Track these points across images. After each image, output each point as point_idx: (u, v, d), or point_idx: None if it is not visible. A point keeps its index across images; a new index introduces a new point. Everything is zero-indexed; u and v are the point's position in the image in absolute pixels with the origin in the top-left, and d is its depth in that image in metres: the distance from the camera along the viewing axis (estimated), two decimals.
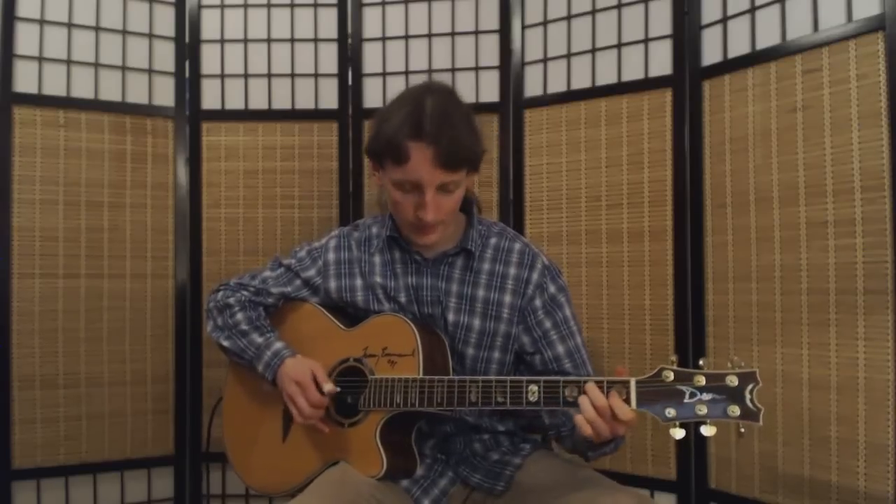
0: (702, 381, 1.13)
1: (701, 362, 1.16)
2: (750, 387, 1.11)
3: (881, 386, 1.61)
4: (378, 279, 1.50)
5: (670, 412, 1.14)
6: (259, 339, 1.50)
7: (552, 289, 1.48)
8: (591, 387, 1.19)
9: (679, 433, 1.14)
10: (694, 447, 1.95)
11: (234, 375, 1.64)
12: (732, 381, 1.12)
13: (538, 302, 1.47)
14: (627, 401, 1.17)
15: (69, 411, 2.15)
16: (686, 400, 1.14)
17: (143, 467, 2.25)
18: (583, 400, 1.19)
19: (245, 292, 1.57)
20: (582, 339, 1.50)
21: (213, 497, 2.31)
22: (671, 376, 1.15)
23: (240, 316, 1.54)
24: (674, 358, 1.17)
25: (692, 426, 1.15)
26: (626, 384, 1.17)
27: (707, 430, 1.14)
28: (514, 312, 1.46)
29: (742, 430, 1.12)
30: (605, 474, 1.39)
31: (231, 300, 1.56)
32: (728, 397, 1.12)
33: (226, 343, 1.54)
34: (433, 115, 1.32)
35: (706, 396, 1.13)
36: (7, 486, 2.07)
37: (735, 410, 1.11)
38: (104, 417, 2.20)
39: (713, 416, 1.12)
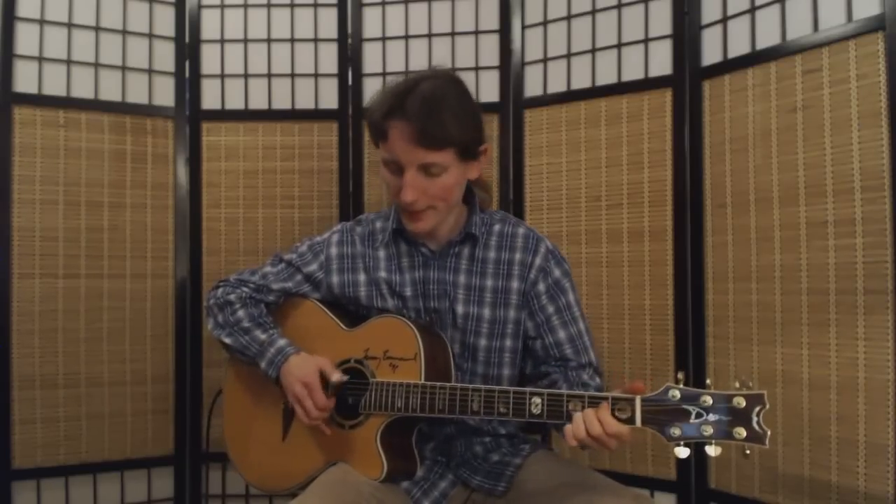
0: (708, 401, 1.13)
1: (707, 381, 1.15)
2: (757, 409, 1.11)
3: (881, 386, 1.61)
4: (382, 274, 1.49)
5: (675, 432, 1.13)
6: (262, 336, 1.49)
7: (556, 273, 1.48)
8: (589, 416, 1.17)
9: (683, 452, 1.14)
10: (694, 447, 1.95)
11: (234, 372, 1.63)
12: (740, 402, 1.11)
13: (542, 286, 1.46)
14: (632, 419, 1.16)
15: (69, 411, 2.15)
16: (692, 420, 1.13)
17: (143, 467, 2.25)
18: (577, 419, 1.18)
19: (245, 289, 1.55)
20: (585, 325, 1.49)
21: (213, 497, 2.31)
22: (677, 395, 1.14)
23: (241, 313, 1.53)
24: (680, 376, 1.16)
25: (693, 444, 1.15)
26: (631, 402, 1.16)
27: (712, 451, 1.13)
28: (520, 297, 1.46)
29: (747, 451, 1.11)
30: (605, 474, 1.39)
31: (232, 297, 1.55)
32: (734, 419, 1.11)
33: (228, 340, 1.53)
34: (418, 94, 1.33)
35: (712, 417, 1.12)
36: (7, 486, 2.07)
37: (741, 432, 1.11)
38: (104, 417, 2.20)
39: (719, 437, 1.12)
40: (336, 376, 1.39)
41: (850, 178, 1.66)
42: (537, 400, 1.23)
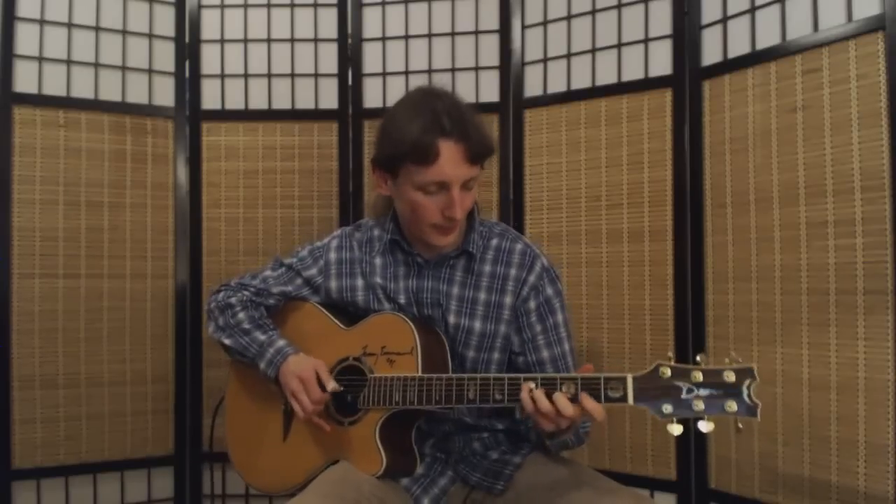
0: (699, 376, 1.13)
1: (698, 358, 1.16)
2: (747, 382, 1.11)
3: (881, 386, 1.61)
4: (378, 280, 1.50)
5: (667, 408, 1.14)
6: (262, 337, 1.50)
7: (549, 291, 1.48)
8: (537, 394, 1.21)
9: (677, 429, 1.14)
10: (694, 447, 1.95)
11: (236, 375, 1.64)
12: (730, 376, 1.12)
13: (532, 304, 1.47)
14: (624, 397, 1.17)
15: (69, 411, 2.16)
16: (683, 396, 1.13)
17: (143, 467, 2.25)
18: (534, 397, 1.21)
19: (246, 292, 1.57)
20: (570, 346, 1.50)
21: (214, 497, 2.31)
22: (668, 372, 1.15)
23: (242, 315, 1.54)
24: (671, 354, 1.17)
25: (690, 422, 1.15)
26: (622, 381, 1.17)
27: (705, 426, 1.13)
28: (512, 313, 1.47)
29: (740, 425, 1.13)
30: (605, 474, 1.39)
31: (232, 300, 1.56)
32: (725, 393, 1.12)
33: (227, 341, 1.54)
34: (452, 113, 1.34)
35: (703, 392, 1.13)
36: (7, 486, 2.08)
37: (732, 406, 1.11)
38: (104, 417, 2.20)
39: (710, 412, 1.12)
40: (331, 385, 1.40)
41: (850, 178, 1.66)
42: (531, 385, 1.24)
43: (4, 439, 2.07)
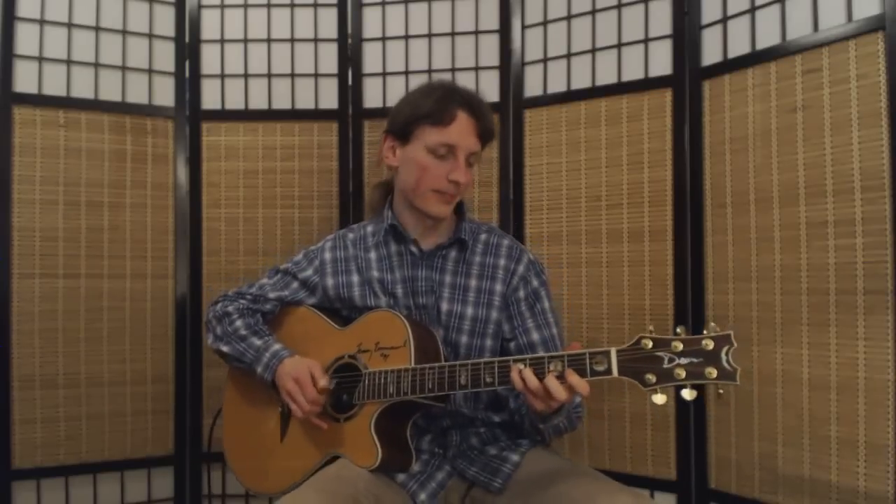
0: (679, 346, 1.18)
1: (678, 329, 1.20)
2: (725, 349, 1.16)
3: (881, 386, 1.61)
4: (375, 273, 1.54)
5: (650, 378, 1.18)
6: (258, 342, 1.53)
7: (535, 283, 1.55)
8: (527, 372, 1.23)
9: (660, 398, 1.18)
10: (694, 447, 1.95)
11: (232, 383, 1.66)
12: (708, 344, 1.17)
13: (521, 293, 1.54)
14: (609, 370, 1.20)
15: (69, 411, 2.16)
16: (665, 365, 1.18)
17: (143, 467, 2.25)
18: (523, 376, 1.23)
19: (243, 301, 1.61)
20: (559, 331, 1.56)
21: (214, 497, 2.31)
22: (650, 344, 1.20)
23: (238, 322, 1.58)
24: (651, 327, 1.22)
25: (674, 391, 1.19)
26: (606, 354, 1.21)
27: (687, 394, 1.17)
28: (502, 300, 1.52)
29: (720, 391, 1.17)
30: (606, 474, 1.40)
31: (230, 308, 1.60)
32: (705, 360, 1.16)
33: (225, 349, 1.57)
34: (466, 94, 1.50)
35: (684, 360, 1.17)
36: (7, 486, 2.08)
37: (712, 372, 1.15)
38: (104, 417, 2.20)
39: (691, 379, 1.16)
40: (323, 382, 1.43)
41: (850, 178, 1.66)
42: (520, 366, 1.26)
43: (4, 439, 2.07)
